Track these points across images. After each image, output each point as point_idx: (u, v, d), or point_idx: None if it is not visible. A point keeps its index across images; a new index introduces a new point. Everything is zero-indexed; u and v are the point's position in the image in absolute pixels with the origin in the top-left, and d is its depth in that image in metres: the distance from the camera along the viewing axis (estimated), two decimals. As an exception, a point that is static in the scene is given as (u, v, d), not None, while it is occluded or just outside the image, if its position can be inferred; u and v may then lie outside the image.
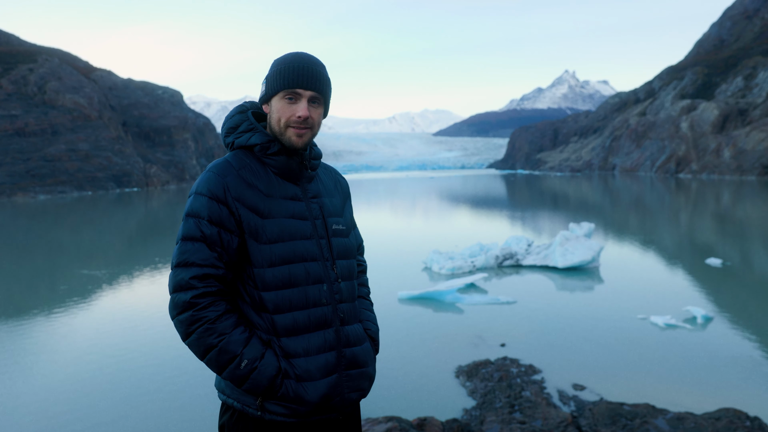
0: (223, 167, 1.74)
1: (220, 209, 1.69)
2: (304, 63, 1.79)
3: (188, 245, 1.68)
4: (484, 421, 5.58)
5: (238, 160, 1.78)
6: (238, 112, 1.88)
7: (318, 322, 1.77)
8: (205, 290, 1.65)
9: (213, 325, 1.64)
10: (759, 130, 67.36)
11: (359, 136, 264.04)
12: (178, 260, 1.68)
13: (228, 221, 1.69)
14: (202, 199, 1.70)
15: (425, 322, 9.48)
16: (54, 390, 6.84)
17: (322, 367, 1.75)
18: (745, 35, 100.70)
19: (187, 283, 1.65)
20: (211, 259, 1.66)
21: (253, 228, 1.71)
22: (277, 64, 1.80)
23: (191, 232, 1.68)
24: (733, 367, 7.11)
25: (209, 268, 1.66)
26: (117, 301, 11.66)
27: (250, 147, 1.81)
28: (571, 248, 13.49)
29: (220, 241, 1.68)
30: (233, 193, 1.70)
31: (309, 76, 1.78)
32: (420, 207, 35.18)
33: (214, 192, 1.69)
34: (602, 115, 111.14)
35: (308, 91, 1.78)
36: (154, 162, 71.12)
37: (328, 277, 1.81)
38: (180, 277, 1.66)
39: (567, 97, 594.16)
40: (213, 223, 1.68)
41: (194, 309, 1.63)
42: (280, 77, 1.77)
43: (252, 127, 1.82)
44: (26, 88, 66.68)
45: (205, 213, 1.68)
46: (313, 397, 1.72)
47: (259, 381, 1.66)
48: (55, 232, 25.99)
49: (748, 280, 13.00)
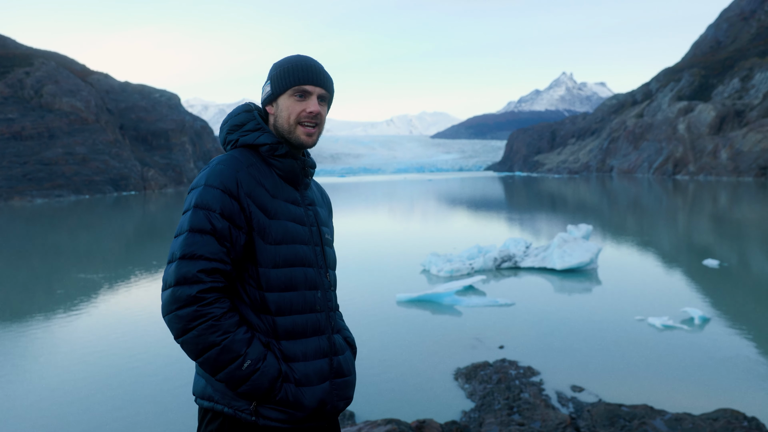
0: (234, 162, 1.71)
1: (232, 204, 1.64)
2: (311, 62, 1.82)
3: (196, 237, 1.60)
4: (482, 423, 5.59)
5: (245, 158, 1.75)
6: (244, 111, 1.84)
7: (314, 328, 1.78)
8: (212, 285, 1.58)
9: (218, 322, 1.57)
10: (756, 132, 67.53)
11: (357, 139, 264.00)
12: (184, 251, 1.59)
13: (238, 217, 1.65)
14: (214, 191, 1.64)
15: (424, 324, 9.48)
16: (52, 393, 6.83)
17: (318, 372, 1.75)
18: (742, 37, 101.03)
19: (195, 276, 1.57)
20: (220, 253, 1.60)
21: (261, 227, 1.68)
22: (282, 64, 1.81)
23: (200, 223, 1.61)
24: (730, 367, 7.12)
25: (218, 262, 1.60)
26: (114, 304, 11.64)
27: (257, 146, 1.78)
28: (569, 250, 13.50)
29: (229, 235, 1.63)
30: (245, 188, 1.67)
31: (317, 74, 1.80)
32: (418, 209, 35.19)
33: (227, 186, 1.65)
34: (600, 117, 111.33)
35: (318, 88, 1.79)
36: (151, 165, 71.05)
37: (323, 285, 1.82)
38: (186, 269, 1.57)
39: (564, 99, 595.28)
40: (224, 217, 1.62)
41: (199, 304, 1.56)
42: (288, 75, 1.77)
43: (260, 127, 1.80)
44: (23, 92, 66.60)
45: (218, 206, 1.62)
46: (311, 403, 1.71)
47: (259, 383, 1.61)
48: (52, 235, 25.94)
49: (746, 281, 13.03)
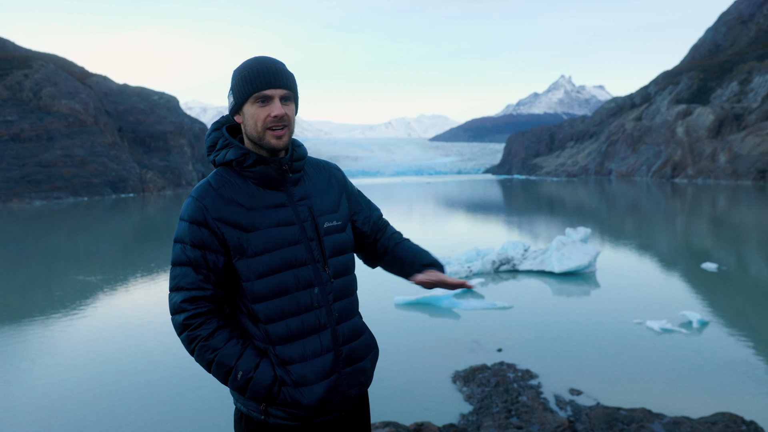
0: (202, 190, 1.79)
1: (201, 232, 1.74)
2: (267, 64, 1.79)
3: (177, 270, 1.77)
4: (481, 426, 5.58)
5: (218, 178, 1.82)
6: (214, 130, 1.90)
7: (312, 327, 1.80)
8: (195, 311, 1.73)
9: (206, 342, 1.73)
10: (754, 135, 67.65)
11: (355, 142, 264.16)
12: (170, 285, 1.78)
13: (211, 242, 1.75)
14: (184, 224, 1.77)
15: (422, 327, 9.48)
16: (51, 396, 6.81)
17: (319, 370, 1.79)
18: (741, 40, 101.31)
19: (179, 307, 1.74)
20: (197, 282, 1.74)
21: (238, 244, 1.75)
22: (240, 72, 1.80)
23: (178, 257, 1.77)
24: (729, 371, 7.12)
25: (196, 290, 1.74)
26: (113, 307, 11.63)
27: (228, 162, 1.83)
28: (567, 253, 13.51)
29: (205, 262, 1.75)
30: (213, 213, 1.74)
31: (275, 76, 1.77)
32: (416, 212, 35.20)
33: (194, 216, 1.75)
34: (598, 120, 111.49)
35: (278, 89, 1.77)
36: (150, 168, 71.05)
37: (320, 279, 1.82)
38: (173, 301, 1.76)
39: (563, 102, 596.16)
40: (196, 247, 1.74)
41: (188, 330, 1.74)
42: (247, 83, 1.77)
43: (227, 143, 1.84)
44: (22, 94, 66.64)
45: (188, 238, 1.75)
46: (310, 401, 1.77)
47: (257, 390, 1.74)
48: (50, 238, 25.91)
49: (744, 284, 13.04)
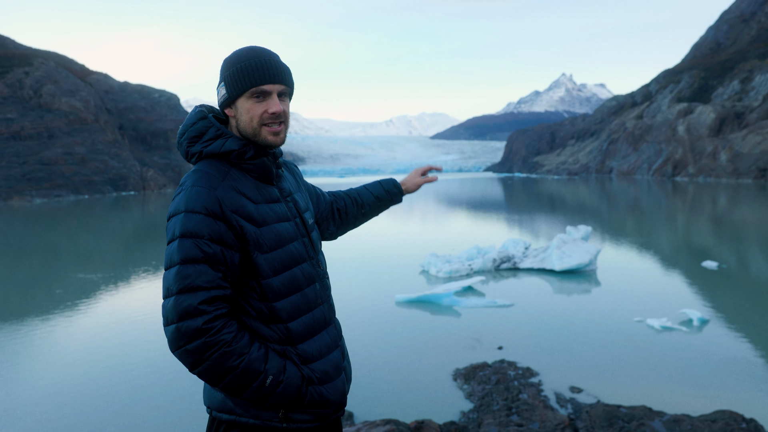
0: (209, 179, 1.61)
1: (218, 225, 1.56)
2: (265, 57, 1.67)
3: (190, 268, 1.52)
4: (481, 424, 5.58)
5: (216, 169, 1.64)
6: (199, 119, 1.71)
7: (321, 322, 1.78)
8: (216, 313, 1.52)
9: (230, 347, 1.52)
10: (755, 134, 67.57)
11: (356, 140, 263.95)
12: (180, 285, 1.52)
13: (227, 237, 1.57)
14: (196, 217, 1.55)
15: (422, 325, 9.48)
16: (51, 394, 6.81)
17: (335, 365, 1.77)
18: (742, 39, 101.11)
19: (196, 309, 1.50)
20: (216, 280, 1.54)
21: (255, 238, 1.61)
22: (235, 62, 1.67)
23: (191, 253, 1.53)
24: (729, 369, 7.12)
25: (216, 290, 1.54)
26: (114, 305, 11.63)
27: (224, 154, 1.67)
28: (568, 251, 13.50)
29: (223, 259, 1.56)
30: (229, 205, 1.58)
31: (274, 71, 1.66)
32: (417, 210, 35.17)
33: (210, 207, 1.56)
34: (599, 119, 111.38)
35: (276, 85, 1.67)
36: (150, 165, 71.03)
37: (318, 275, 1.81)
38: (187, 303, 1.50)
39: (564, 101, 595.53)
40: (214, 241, 1.55)
41: (207, 335, 1.50)
42: (243, 77, 1.64)
43: (221, 133, 1.68)
44: (22, 92, 66.57)
45: (205, 231, 1.54)
46: (335, 397, 1.73)
47: (286, 394, 1.61)
48: (51, 235, 25.92)
49: (744, 282, 13.03)
